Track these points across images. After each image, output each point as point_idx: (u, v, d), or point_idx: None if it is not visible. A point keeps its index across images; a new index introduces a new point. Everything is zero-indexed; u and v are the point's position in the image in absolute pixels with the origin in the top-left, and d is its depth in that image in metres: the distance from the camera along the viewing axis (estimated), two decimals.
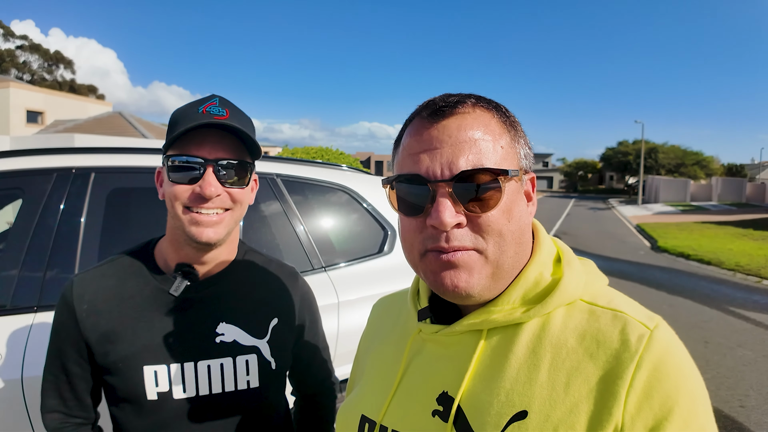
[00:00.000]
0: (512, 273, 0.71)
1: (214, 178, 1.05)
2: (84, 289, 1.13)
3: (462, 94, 0.71)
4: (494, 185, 0.66)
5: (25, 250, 1.97)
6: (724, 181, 42.67)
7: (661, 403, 0.60)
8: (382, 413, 0.79)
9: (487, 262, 0.68)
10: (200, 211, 1.06)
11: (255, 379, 1.16)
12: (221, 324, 1.15)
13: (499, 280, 0.70)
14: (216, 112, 1.05)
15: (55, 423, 1.15)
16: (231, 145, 1.08)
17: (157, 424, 1.10)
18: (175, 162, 1.06)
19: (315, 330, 1.35)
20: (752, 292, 8.93)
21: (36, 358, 1.79)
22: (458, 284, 0.67)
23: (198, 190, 1.04)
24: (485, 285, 0.68)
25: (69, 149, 2.25)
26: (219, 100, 1.09)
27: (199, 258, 1.14)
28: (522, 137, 0.74)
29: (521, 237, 0.71)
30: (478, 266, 0.67)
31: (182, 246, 1.12)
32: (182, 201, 1.06)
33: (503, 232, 0.67)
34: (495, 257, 0.68)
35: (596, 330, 0.66)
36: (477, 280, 0.68)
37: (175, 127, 1.06)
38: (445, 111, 0.69)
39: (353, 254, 2.59)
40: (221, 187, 1.06)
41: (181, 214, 1.06)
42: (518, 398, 0.65)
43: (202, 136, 1.05)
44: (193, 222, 1.06)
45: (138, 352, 1.09)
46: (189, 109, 1.07)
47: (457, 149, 0.66)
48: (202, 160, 1.05)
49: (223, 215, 1.09)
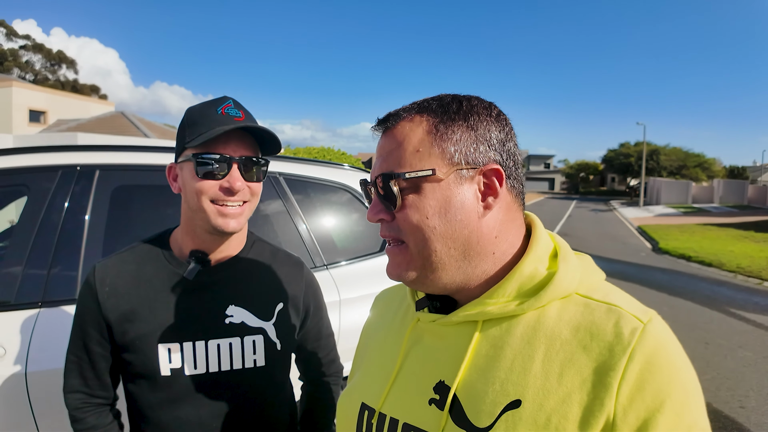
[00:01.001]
0: (460, 267, 0.74)
1: (239, 173, 1.17)
2: (105, 274, 1.23)
3: (403, 108, 0.79)
4: (393, 187, 0.74)
5: (30, 246, 1.99)
6: (725, 183, 42.53)
7: (653, 396, 0.61)
8: (381, 401, 0.81)
9: (410, 254, 0.75)
10: (226, 203, 1.17)
11: (261, 358, 1.26)
12: (230, 306, 1.24)
13: (436, 271, 0.74)
14: (235, 114, 1.17)
15: (77, 403, 1.24)
16: (250, 143, 1.21)
17: (170, 398, 1.19)
18: (204, 159, 1.15)
19: (319, 316, 1.44)
20: (753, 294, 8.94)
21: (40, 354, 1.82)
22: (390, 270, 0.79)
23: (227, 184, 1.15)
24: (412, 275, 0.76)
25: (73, 147, 2.26)
26: (233, 102, 1.20)
27: (213, 246, 1.25)
28: (462, 135, 0.73)
29: (461, 232, 0.72)
30: (399, 256, 0.77)
31: (197, 235, 1.22)
32: (209, 195, 1.15)
33: (421, 227, 0.73)
34: (417, 250, 0.74)
35: (590, 322, 0.68)
36: (404, 268, 0.76)
37: (196, 126, 1.16)
38: (381, 128, 0.80)
39: (355, 252, 2.61)
40: (244, 181, 1.18)
41: (207, 206, 1.16)
42: (512, 388, 0.67)
43: (227, 136, 1.16)
44: (221, 213, 1.16)
45: (154, 330, 1.19)
46: (206, 110, 1.18)
47: (379, 161, 0.78)
48: (228, 157, 1.15)
49: (244, 206, 1.21)
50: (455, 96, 0.78)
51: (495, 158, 0.74)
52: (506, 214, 0.76)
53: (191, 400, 1.19)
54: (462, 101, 0.76)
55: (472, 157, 0.73)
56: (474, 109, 0.75)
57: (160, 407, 1.20)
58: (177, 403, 1.19)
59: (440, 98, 0.77)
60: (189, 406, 1.19)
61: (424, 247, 0.73)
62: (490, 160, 0.74)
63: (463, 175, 0.73)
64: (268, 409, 1.29)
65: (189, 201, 1.18)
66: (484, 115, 0.76)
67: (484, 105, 0.77)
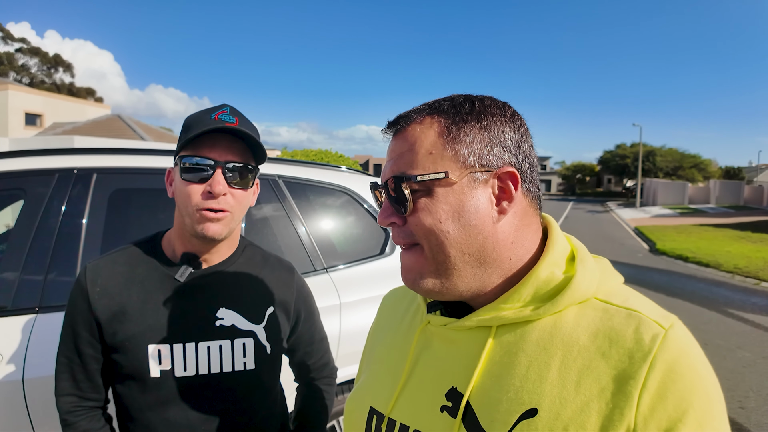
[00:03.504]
0: (476, 274, 0.72)
1: (223, 178, 1.15)
2: (97, 274, 1.23)
3: (414, 109, 0.77)
4: (405, 190, 0.72)
5: (27, 251, 1.96)
6: (722, 183, 42.67)
7: (675, 405, 0.59)
8: (390, 406, 0.79)
9: (425, 258, 0.73)
10: (209, 208, 1.15)
11: (251, 361, 1.26)
12: (221, 309, 1.25)
13: (450, 277, 0.72)
14: (227, 119, 1.16)
15: (69, 406, 1.23)
16: (239, 149, 1.20)
17: (159, 400, 1.19)
18: (188, 163, 1.16)
19: (311, 321, 1.45)
20: (751, 294, 8.95)
21: (37, 360, 1.79)
22: (405, 275, 0.76)
23: (208, 188, 1.14)
24: (429, 281, 0.73)
25: (71, 150, 2.23)
26: (230, 109, 1.20)
27: (203, 249, 1.25)
28: (475, 137, 0.71)
29: (475, 238, 0.70)
30: (413, 260, 0.75)
31: (189, 238, 1.23)
32: (195, 199, 1.15)
33: (434, 231, 0.71)
34: (431, 255, 0.72)
35: (609, 328, 0.65)
36: (418, 272, 0.74)
37: (189, 131, 1.16)
38: (392, 131, 0.78)
39: (355, 256, 2.59)
40: (228, 187, 1.17)
41: (193, 211, 1.16)
42: (528, 396, 0.65)
43: (214, 140, 1.16)
44: (203, 219, 1.16)
45: (144, 331, 1.19)
46: (202, 116, 1.18)
47: (390, 163, 0.76)
48: (212, 162, 1.15)
49: (227, 213, 1.18)
50: (467, 96, 0.76)
51: (510, 160, 0.72)
52: (522, 218, 0.73)
53: (180, 402, 1.20)
54: (474, 101, 0.74)
55: (486, 160, 0.71)
56: (487, 110, 0.73)
57: (149, 409, 1.19)
58: (166, 405, 1.19)
59: (452, 99, 0.76)
60: (178, 408, 1.20)
61: (438, 252, 0.71)
62: (505, 162, 0.72)
63: (476, 179, 0.71)
64: (257, 412, 1.29)
65: (178, 204, 1.20)
66: (498, 116, 0.73)
67: (497, 105, 0.75)
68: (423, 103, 0.78)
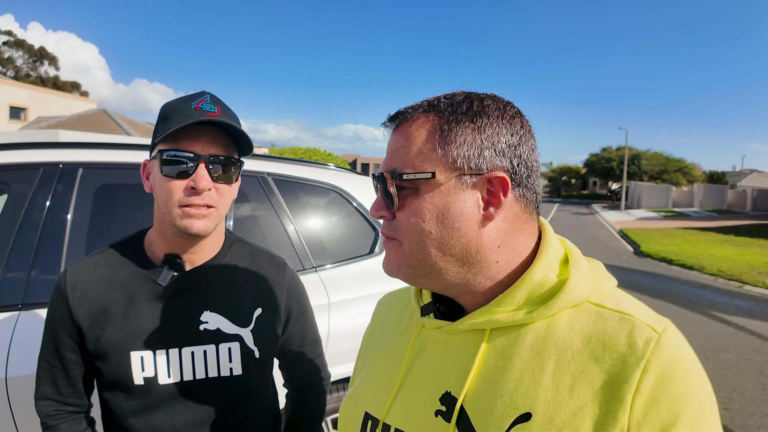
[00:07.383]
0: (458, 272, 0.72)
1: (207, 173, 1.10)
2: (77, 278, 1.18)
3: (414, 105, 0.76)
4: (392, 187, 0.73)
5: (10, 246, 1.92)
6: (705, 187, 43.27)
7: (669, 409, 0.59)
8: (385, 411, 0.79)
9: (404, 253, 0.74)
10: (192, 204, 1.10)
11: (238, 366, 1.20)
12: (205, 312, 1.19)
13: (430, 272, 0.73)
14: (208, 109, 1.09)
15: (48, 410, 1.20)
16: (222, 141, 1.13)
17: (145, 407, 1.15)
18: (168, 156, 1.09)
19: (303, 321, 1.37)
20: (734, 297, 9.07)
21: (20, 358, 1.75)
22: (385, 265, 0.78)
23: (192, 184, 1.08)
24: (406, 273, 0.75)
25: (56, 144, 2.19)
26: (210, 97, 1.13)
27: (186, 248, 1.19)
28: (467, 138, 0.70)
29: (457, 240, 0.70)
30: (392, 252, 0.76)
31: (170, 237, 1.17)
32: (177, 195, 1.09)
33: (416, 230, 0.71)
34: (411, 251, 0.73)
35: (602, 333, 0.65)
36: (395, 265, 0.75)
37: (167, 121, 1.09)
38: (392, 125, 0.78)
39: (344, 255, 2.57)
40: (212, 181, 1.11)
41: (175, 207, 1.10)
42: (522, 400, 0.65)
43: (195, 132, 1.09)
44: (186, 215, 1.10)
45: (126, 338, 1.14)
46: (180, 105, 1.11)
47: (386, 158, 0.77)
48: (195, 155, 1.09)
49: (212, 209, 1.13)
50: (468, 94, 0.74)
51: (502, 165, 0.70)
52: (513, 223, 0.72)
53: (166, 409, 1.16)
54: (474, 100, 0.73)
55: (475, 163, 0.69)
56: (485, 110, 0.72)
57: (133, 415, 1.15)
58: (151, 412, 1.15)
59: (453, 96, 0.75)
60: (163, 415, 1.15)
61: (418, 249, 0.72)
62: (496, 167, 0.70)
63: (465, 181, 0.70)
64: (246, 419, 1.24)
65: (158, 200, 1.14)
66: (495, 117, 0.72)
67: (498, 105, 0.73)
68: (424, 99, 0.77)
